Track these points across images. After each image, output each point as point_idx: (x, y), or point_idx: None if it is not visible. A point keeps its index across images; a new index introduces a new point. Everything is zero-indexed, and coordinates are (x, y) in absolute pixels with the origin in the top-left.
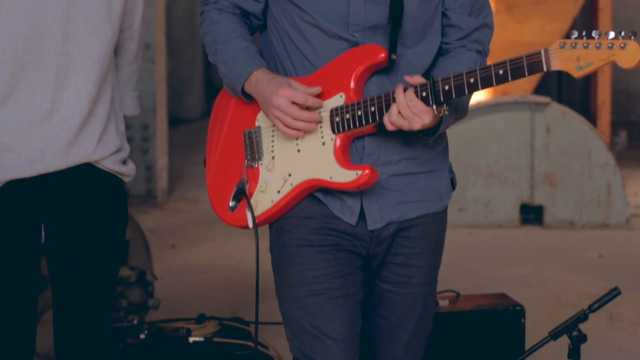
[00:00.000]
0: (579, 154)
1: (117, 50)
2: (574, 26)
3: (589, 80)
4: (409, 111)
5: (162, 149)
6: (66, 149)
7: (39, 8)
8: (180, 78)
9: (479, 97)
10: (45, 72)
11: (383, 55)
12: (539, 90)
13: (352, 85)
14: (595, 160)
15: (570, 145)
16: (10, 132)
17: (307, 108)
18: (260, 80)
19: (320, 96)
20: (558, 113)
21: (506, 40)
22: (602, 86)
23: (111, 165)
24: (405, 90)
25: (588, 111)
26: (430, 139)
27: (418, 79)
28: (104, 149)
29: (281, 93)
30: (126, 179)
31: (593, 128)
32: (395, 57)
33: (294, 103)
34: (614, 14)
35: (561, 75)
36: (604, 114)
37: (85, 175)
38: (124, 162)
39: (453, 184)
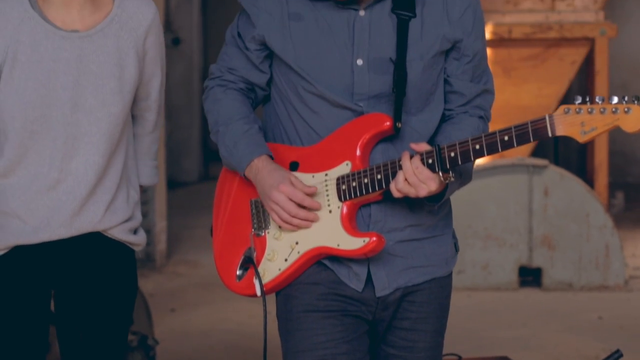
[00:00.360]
0: (577, 216)
1: (135, 120)
2: (570, 89)
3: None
4: (415, 178)
5: (161, 212)
6: (71, 218)
7: (50, 78)
8: (178, 141)
9: (476, 160)
10: (53, 142)
11: (388, 123)
12: (536, 152)
13: (357, 153)
14: (593, 222)
15: (568, 208)
16: (17, 199)
17: None
18: (260, 171)
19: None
20: (556, 175)
21: (503, 103)
22: (599, 148)
23: (120, 234)
24: (411, 157)
25: (585, 173)
26: (435, 205)
27: (424, 146)
28: (112, 219)
29: (281, 189)
30: (136, 248)
31: (590, 190)
32: (400, 125)
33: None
34: (609, 77)
35: (557, 137)
36: (601, 176)
37: (93, 244)
38: (135, 232)
39: (456, 249)
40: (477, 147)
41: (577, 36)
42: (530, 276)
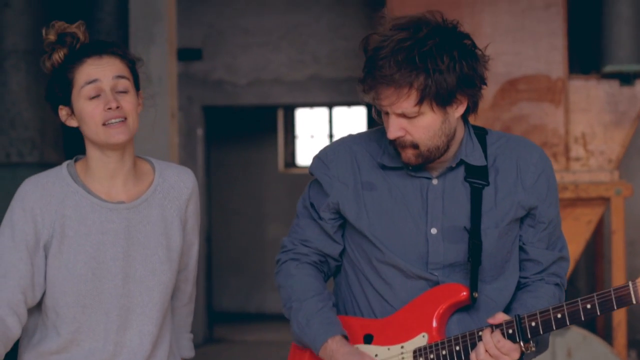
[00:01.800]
0: None
1: (172, 293)
2: (586, 249)
3: None
4: (497, 351)
5: None
6: None
7: (99, 250)
8: None
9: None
10: (106, 315)
11: (465, 293)
12: None
13: (434, 324)
14: None
15: None
16: None
17: None
18: (335, 353)
19: None
20: (578, 337)
21: None
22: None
23: None
24: (490, 329)
25: (595, 331)
26: None
27: (500, 318)
28: None
29: None
30: None
31: (613, 350)
32: (477, 295)
33: None
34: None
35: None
36: (620, 336)
37: None
38: None
39: None
40: (559, 315)
41: (593, 196)
42: None
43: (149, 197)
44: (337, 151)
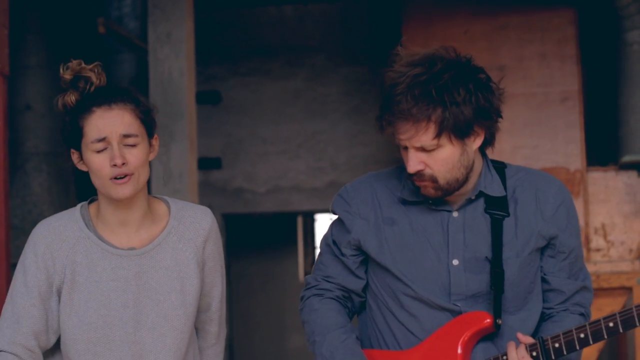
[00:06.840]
0: None
1: (198, 333)
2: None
3: None
4: None
5: None
6: None
7: (110, 298)
8: None
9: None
10: None
11: (489, 320)
12: None
13: (459, 351)
14: None
15: None
16: None
17: None
18: None
19: None
20: None
21: None
22: None
23: None
24: (514, 343)
25: None
26: None
27: (529, 339)
28: None
29: None
30: None
31: None
32: (500, 322)
33: None
34: None
35: None
36: None
37: None
38: None
39: None
40: (582, 335)
41: (615, 286)
42: None
43: (162, 241)
44: (357, 188)
